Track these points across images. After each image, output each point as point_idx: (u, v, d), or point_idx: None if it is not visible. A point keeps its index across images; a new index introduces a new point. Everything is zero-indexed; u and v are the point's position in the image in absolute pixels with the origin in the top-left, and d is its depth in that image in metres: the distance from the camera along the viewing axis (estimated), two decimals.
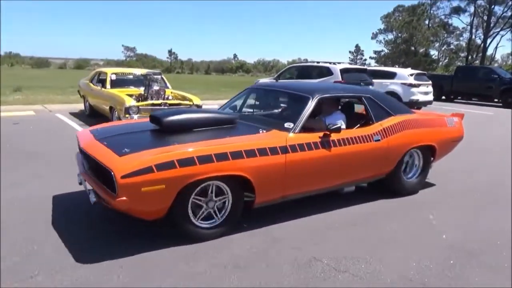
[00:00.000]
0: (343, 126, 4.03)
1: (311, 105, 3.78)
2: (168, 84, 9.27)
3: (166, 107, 7.39)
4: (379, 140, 4.05)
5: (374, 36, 52.13)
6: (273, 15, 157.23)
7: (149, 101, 7.65)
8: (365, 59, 61.10)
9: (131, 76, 9.33)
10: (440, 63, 51.58)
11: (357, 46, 63.89)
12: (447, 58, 51.11)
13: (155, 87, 8.18)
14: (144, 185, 2.80)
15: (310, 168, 3.58)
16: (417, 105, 13.06)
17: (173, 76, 37.03)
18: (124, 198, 2.78)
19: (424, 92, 13.41)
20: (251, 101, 4.88)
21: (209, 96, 16.14)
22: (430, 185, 4.98)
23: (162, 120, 3.51)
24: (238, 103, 4.83)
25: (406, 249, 3.26)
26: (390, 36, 50.84)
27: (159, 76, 8.81)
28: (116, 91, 8.21)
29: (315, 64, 12.05)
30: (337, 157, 3.73)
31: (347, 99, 4.73)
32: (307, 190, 3.76)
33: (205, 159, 3.00)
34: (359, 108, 4.81)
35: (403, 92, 12.96)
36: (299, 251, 3.14)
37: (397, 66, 40.06)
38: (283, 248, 3.19)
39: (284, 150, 3.38)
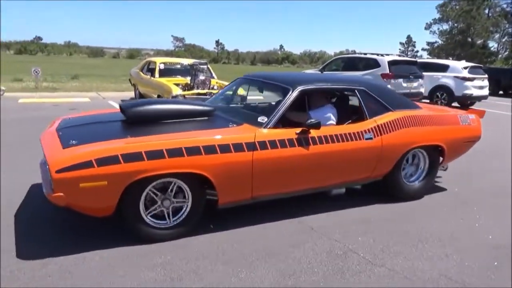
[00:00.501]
0: (332, 122, 3.74)
1: (290, 97, 3.41)
2: (214, 74, 9.46)
3: (210, 97, 7.56)
4: (371, 138, 3.62)
5: (428, 27, 49.67)
6: (321, 5, 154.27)
7: (195, 91, 7.87)
8: (417, 51, 58.57)
9: (178, 66, 9.63)
10: (500, 55, 48.22)
11: (408, 37, 61.37)
12: (508, 50, 47.65)
13: (201, 77, 8.39)
14: (82, 180, 2.59)
15: (284, 168, 3.23)
16: (471, 99, 12.39)
17: (219, 66, 37.58)
18: (61, 193, 2.59)
19: (478, 86, 12.66)
20: (243, 92, 4.62)
21: None
22: (464, 183, 4.77)
23: (126, 111, 3.34)
24: (229, 93, 4.51)
25: (447, 247, 3.17)
26: (445, 27, 48.23)
27: (205, 66, 9.01)
28: (164, 80, 8.52)
29: (362, 55, 11.76)
30: (318, 156, 3.35)
31: (338, 92, 4.24)
32: (282, 192, 3.43)
33: (154, 154, 2.75)
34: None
35: (455, 86, 12.32)
36: (335, 242, 3.15)
37: (450, 58, 38.02)
38: (319, 238, 3.22)
39: (252, 147, 3.06)
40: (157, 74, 8.99)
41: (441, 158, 4.22)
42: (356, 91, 3.82)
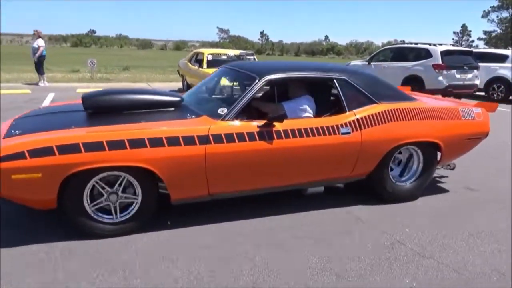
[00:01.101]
0: (309, 114, 3.45)
1: (255, 87, 3.15)
2: None
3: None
4: (348, 133, 3.29)
5: (486, 15, 46.83)
6: None
7: None
8: (472, 41, 55.43)
9: (225, 57, 9.81)
10: None
11: (463, 26, 58.16)
12: None
13: None
14: (14, 172, 2.49)
15: (243, 163, 3.00)
16: None
17: (263, 58, 37.69)
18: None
19: None
20: (227, 82, 4.25)
21: None
22: (492, 181, 4.52)
23: (83, 101, 3.19)
24: (210, 84, 4.16)
25: (500, 243, 3.07)
26: (505, 14, 45.19)
27: (252, 57, 9.13)
28: (211, 71, 8.71)
29: (413, 45, 11.34)
30: (283, 151, 3.09)
31: (315, 82, 3.69)
32: (245, 189, 3.20)
33: (93, 146, 2.62)
34: None
35: None
36: (382, 233, 3.15)
37: (510, 48, 35.59)
38: (366, 228, 3.23)
39: (205, 140, 2.86)
40: (205, 65, 9.22)
41: (439, 157, 3.81)
42: (334, 80, 3.45)
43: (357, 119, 3.35)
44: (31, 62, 12.11)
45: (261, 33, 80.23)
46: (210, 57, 9.46)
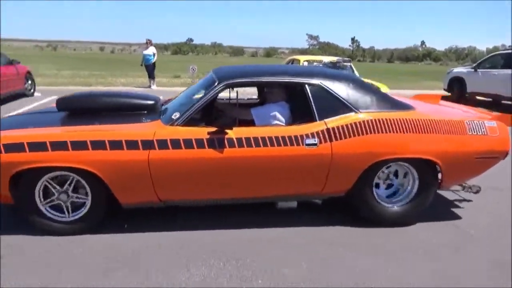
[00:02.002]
0: (279, 122, 3.16)
1: (211, 92, 3.00)
2: (356, 72, 9.44)
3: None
4: (314, 144, 2.93)
5: None
6: None
7: None
8: None
9: (321, 64, 9.87)
10: None
11: None
12: None
13: None
14: None
15: (191, 171, 2.86)
16: None
17: (354, 65, 36.72)
18: None
19: None
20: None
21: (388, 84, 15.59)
22: None
23: (57, 102, 3.32)
24: (196, 88, 3.86)
25: None
26: None
27: (348, 64, 9.05)
28: None
29: None
30: (236, 161, 2.87)
31: (285, 87, 3.37)
32: (200, 198, 3.08)
33: (37, 146, 2.69)
34: None
35: None
36: (497, 252, 2.97)
37: None
38: (479, 246, 3.07)
39: (148, 145, 2.77)
40: None
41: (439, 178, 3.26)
42: (306, 85, 3.08)
43: (327, 129, 2.96)
44: (140, 68, 13.52)
45: (352, 39, 78.56)
46: (305, 64, 9.61)
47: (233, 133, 2.87)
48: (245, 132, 2.91)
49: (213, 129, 2.87)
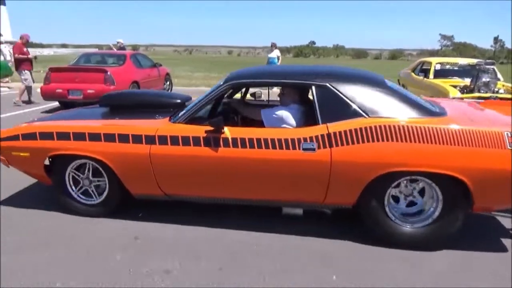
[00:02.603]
0: (287, 126, 2.95)
1: (217, 91, 3.03)
2: (500, 76, 8.26)
3: (495, 100, 6.66)
4: (312, 149, 2.69)
5: None
6: None
7: (476, 94, 7.09)
8: None
9: (456, 67, 8.91)
10: None
11: None
12: None
13: (485, 79, 7.46)
14: (12, 150, 3.21)
15: (189, 168, 2.90)
16: None
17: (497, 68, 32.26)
18: (3, 157, 3.30)
19: None
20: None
21: None
22: None
23: (99, 99, 3.73)
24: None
25: None
26: None
27: (492, 67, 7.96)
28: (439, 82, 8.06)
29: None
30: (231, 161, 2.81)
31: (294, 88, 3.15)
32: (202, 195, 3.06)
33: (63, 136, 3.08)
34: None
35: None
36: None
37: None
38: None
39: (150, 140, 2.92)
40: (431, 75, 8.60)
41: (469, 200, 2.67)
42: (313, 87, 2.87)
43: (328, 134, 2.70)
44: None
45: (495, 38, 69.30)
46: (438, 67, 8.75)
47: (229, 132, 2.83)
48: (242, 132, 2.86)
49: (211, 128, 2.86)
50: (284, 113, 3.01)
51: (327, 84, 2.86)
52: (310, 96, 3.06)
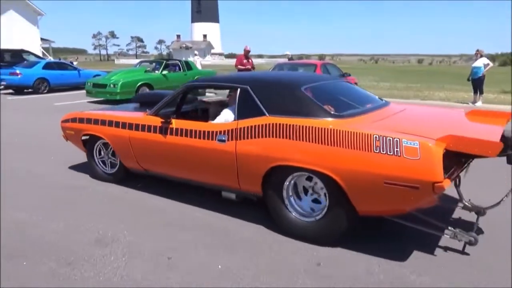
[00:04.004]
0: (227, 118, 3.42)
1: (176, 92, 3.79)
2: None
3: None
4: (223, 141, 3.17)
5: None
6: None
7: None
8: None
9: None
10: None
11: None
12: None
13: None
14: (66, 129, 4.54)
15: (150, 149, 3.75)
16: None
17: None
18: (63, 134, 4.64)
19: None
20: None
21: None
22: None
23: (133, 97, 5.02)
24: None
25: None
26: None
27: None
28: None
29: None
30: (172, 146, 3.55)
31: (227, 89, 4.15)
32: (169, 174, 3.83)
33: (89, 121, 4.25)
34: None
35: None
36: None
37: None
38: None
39: (130, 127, 3.86)
40: None
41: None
42: (238, 89, 3.31)
43: (236, 129, 3.15)
44: (464, 82, 12.29)
45: None
46: None
47: (175, 123, 3.54)
48: (182, 124, 3.51)
49: (162, 119, 3.60)
50: (225, 111, 3.56)
51: (248, 87, 3.26)
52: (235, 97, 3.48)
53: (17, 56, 17.48)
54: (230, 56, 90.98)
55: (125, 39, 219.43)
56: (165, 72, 12.78)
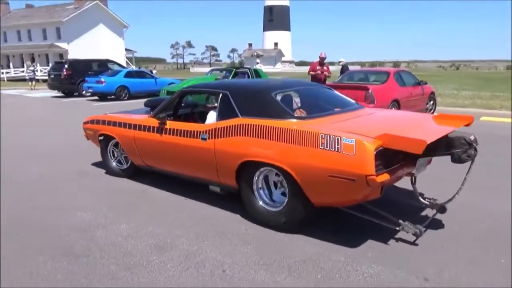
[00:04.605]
0: (212, 120, 3.87)
1: (173, 97, 4.25)
2: None
3: None
4: (205, 139, 3.65)
5: None
6: None
7: None
8: None
9: None
10: None
11: None
12: None
13: None
14: (87, 129, 5.22)
15: (150, 147, 4.26)
16: None
17: None
18: (84, 134, 5.33)
19: None
20: None
21: None
22: None
23: (145, 103, 5.06)
24: None
25: None
26: None
27: None
28: None
29: None
30: (166, 144, 4.02)
31: (212, 94, 4.58)
32: (166, 169, 4.31)
33: (104, 122, 4.88)
34: None
35: None
36: None
37: None
38: None
39: (134, 127, 4.40)
40: None
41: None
42: (220, 94, 3.76)
43: (215, 128, 3.58)
44: None
45: None
46: None
47: (169, 124, 4.01)
48: (175, 125, 3.98)
49: (159, 121, 4.10)
50: (210, 114, 4.03)
51: (227, 92, 3.69)
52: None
53: (103, 66, 19.01)
54: (300, 63, 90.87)
55: (201, 48, 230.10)
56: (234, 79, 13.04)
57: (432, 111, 10.49)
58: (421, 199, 3.44)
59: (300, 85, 4.35)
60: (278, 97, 3.54)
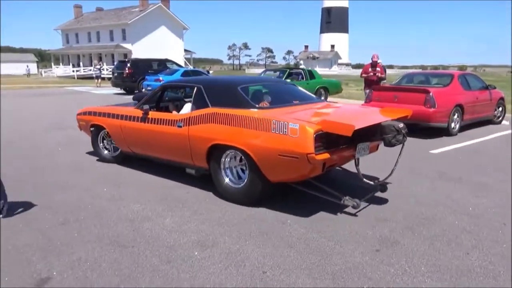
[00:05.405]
0: (187, 110, 4.45)
1: (155, 91, 4.92)
2: None
3: None
4: (181, 126, 4.18)
5: None
6: None
7: None
8: None
9: None
10: None
11: None
12: None
13: None
14: (80, 120, 5.69)
15: (134, 134, 4.79)
16: None
17: None
18: (78, 125, 5.82)
19: None
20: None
21: None
22: None
23: (133, 97, 6.57)
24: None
25: None
26: None
27: None
28: None
29: None
30: (148, 132, 4.57)
31: (189, 88, 4.93)
32: (148, 154, 4.83)
33: (93, 113, 5.40)
34: None
35: None
36: None
37: None
38: None
39: (121, 117, 4.92)
40: None
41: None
42: (195, 88, 4.32)
43: (189, 117, 4.16)
44: None
45: None
46: None
47: (152, 114, 4.58)
48: (157, 115, 4.55)
49: (143, 111, 4.65)
50: (186, 105, 4.62)
51: (201, 86, 4.28)
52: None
53: (162, 65, 19.80)
54: (357, 66, 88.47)
55: (257, 50, 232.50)
56: (288, 80, 12.93)
57: (500, 118, 9.60)
58: (364, 179, 4.02)
59: (267, 81, 5.51)
60: (243, 91, 4.09)
